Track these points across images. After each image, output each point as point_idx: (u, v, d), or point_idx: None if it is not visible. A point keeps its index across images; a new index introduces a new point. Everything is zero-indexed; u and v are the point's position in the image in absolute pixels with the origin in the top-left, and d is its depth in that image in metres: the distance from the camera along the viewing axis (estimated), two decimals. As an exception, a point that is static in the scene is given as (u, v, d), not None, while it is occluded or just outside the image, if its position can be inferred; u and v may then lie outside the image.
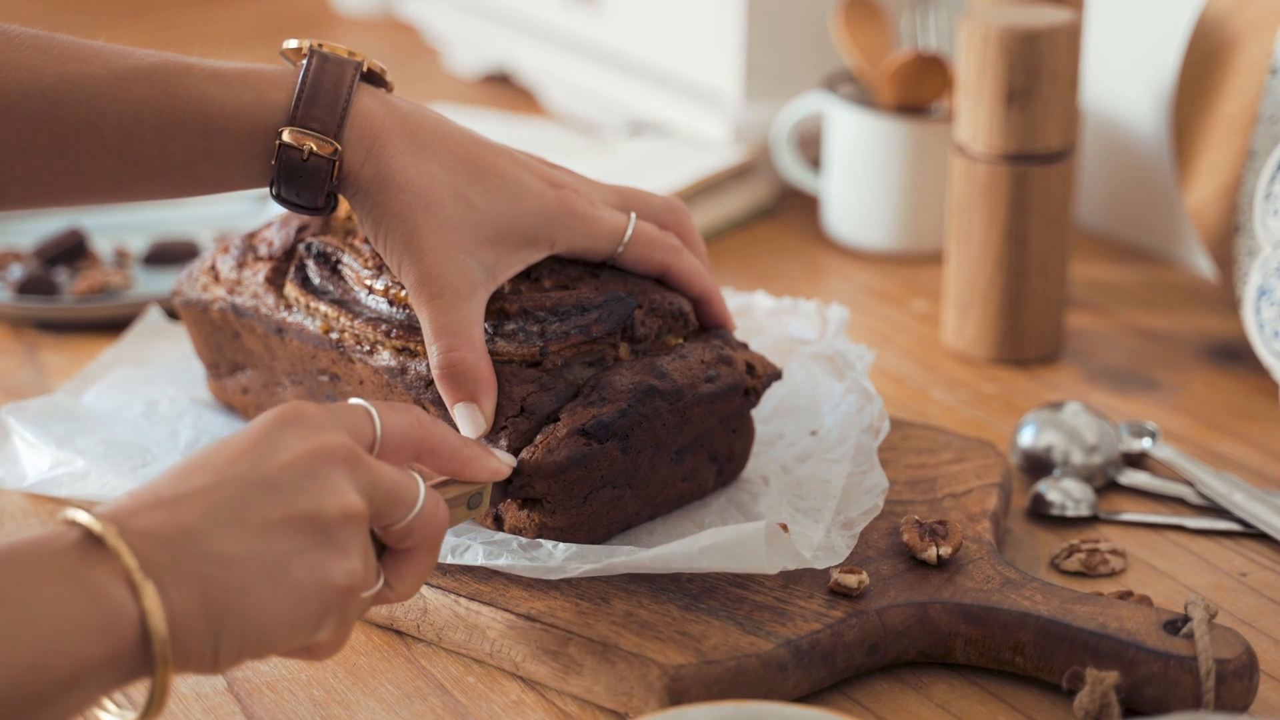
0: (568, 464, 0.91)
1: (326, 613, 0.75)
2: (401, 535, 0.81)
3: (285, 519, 0.74)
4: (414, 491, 0.80)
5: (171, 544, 0.71)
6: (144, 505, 0.72)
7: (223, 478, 0.74)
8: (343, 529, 0.76)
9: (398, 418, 0.83)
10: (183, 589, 0.71)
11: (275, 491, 0.74)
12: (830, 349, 1.07)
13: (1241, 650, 0.86)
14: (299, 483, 0.75)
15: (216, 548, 0.72)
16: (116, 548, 0.70)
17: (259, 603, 0.72)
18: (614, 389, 0.93)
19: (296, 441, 0.76)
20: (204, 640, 0.71)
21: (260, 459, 0.75)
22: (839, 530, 0.93)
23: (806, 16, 1.53)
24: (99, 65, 0.90)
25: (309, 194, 0.92)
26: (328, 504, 0.75)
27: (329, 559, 0.75)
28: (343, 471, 0.77)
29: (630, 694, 0.87)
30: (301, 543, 0.74)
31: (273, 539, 0.73)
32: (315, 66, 0.92)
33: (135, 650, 0.70)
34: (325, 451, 0.77)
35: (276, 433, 0.77)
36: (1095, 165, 1.45)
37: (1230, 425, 1.16)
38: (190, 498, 0.73)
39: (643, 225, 0.99)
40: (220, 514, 0.73)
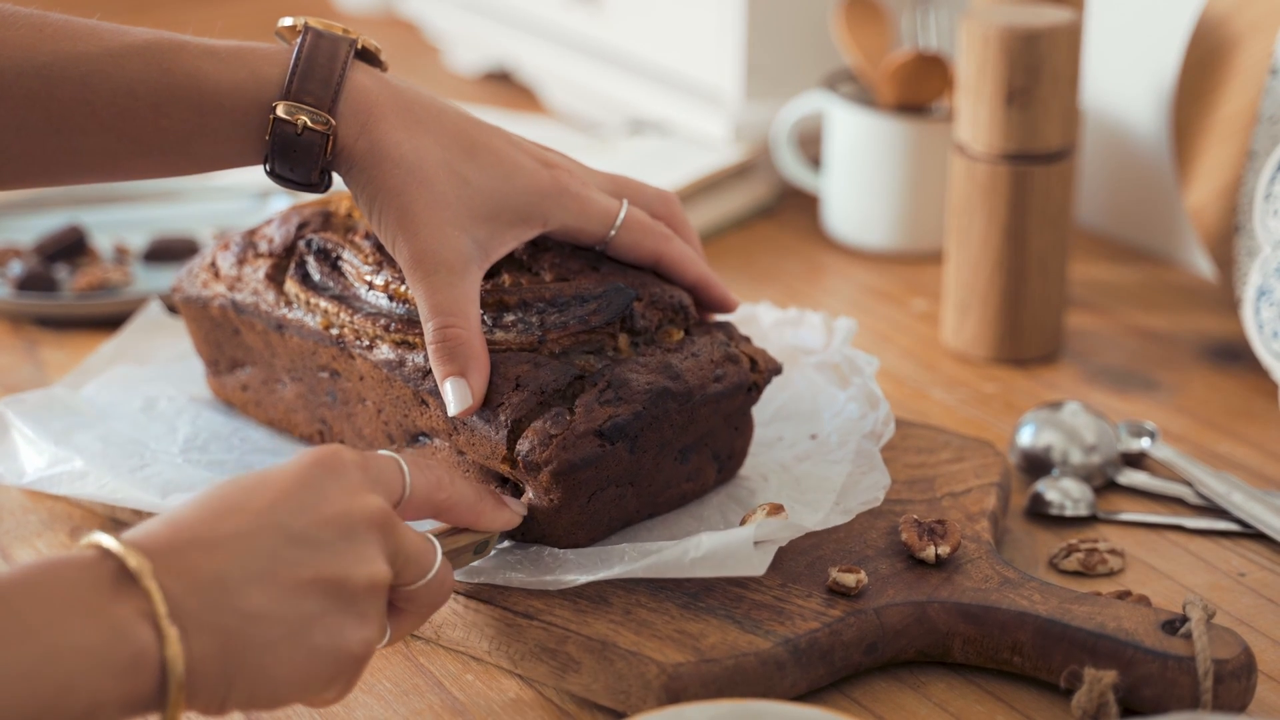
0: (581, 464, 0.91)
1: (338, 676, 0.77)
2: (407, 598, 0.82)
3: (315, 580, 0.75)
4: (432, 560, 0.82)
5: (201, 591, 0.72)
6: (181, 543, 0.73)
7: (260, 524, 0.75)
8: (367, 597, 0.77)
9: (423, 477, 0.84)
10: (205, 638, 0.71)
11: (310, 549, 0.75)
12: (836, 356, 1.07)
13: (1239, 650, 0.86)
14: (335, 544, 0.76)
15: (245, 603, 0.73)
16: (149, 589, 0.70)
17: (275, 661, 0.73)
18: (630, 389, 0.93)
19: (337, 497, 0.77)
20: (216, 688, 0.72)
21: (299, 510, 0.76)
22: (836, 514, 0.93)
23: (807, 15, 1.53)
24: (93, 43, 0.90)
25: (303, 169, 0.93)
26: (358, 571, 0.76)
27: (350, 626, 0.76)
28: (376, 538, 0.78)
29: (628, 692, 0.87)
30: (327, 606, 0.75)
31: (300, 600, 0.74)
32: (310, 42, 0.92)
33: (151, 688, 0.71)
34: (364, 516, 0.78)
35: (318, 483, 0.77)
36: (1095, 165, 1.45)
37: (1229, 425, 1.16)
38: (226, 543, 0.73)
39: (635, 211, 1.00)
40: (253, 566, 0.73)
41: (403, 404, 0.97)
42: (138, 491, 0.99)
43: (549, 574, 0.91)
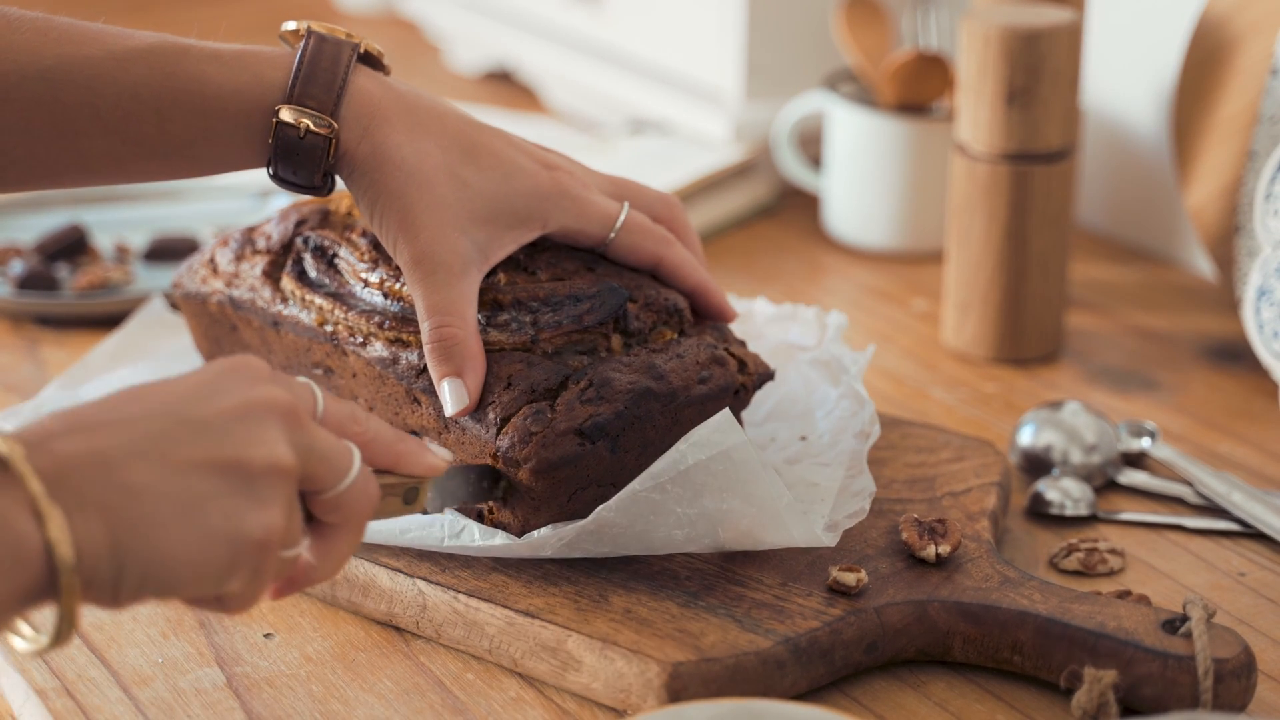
0: (560, 463, 0.91)
1: (237, 563, 0.73)
2: (330, 506, 0.78)
3: (209, 461, 0.72)
4: (349, 460, 0.78)
5: (82, 469, 0.69)
6: (61, 428, 0.70)
7: (152, 411, 0.72)
8: (267, 481, 0.73)
9: (337, 405, 0.81)
10: (90, 517, 0.68)
11: (204, 432, 0.72)
12: (826, 354, 1.07)
13: (1239, 650, 0.86)
14: (231, 428, 0.73)
15: (129, 477, 0.70)
16: (22, 472, 0.68)
17: (166, 540, 0.70)
18: (612, 389, 0.93)
19: (239, 389, 0.75)
20: (106, 572, 0.69)
21: (197, 400, 0.73)
22: (824, 532, 0.93)
23: (808, 15, 1.53)
24: (97, 46, 0.90)
25: (306, 172, 0.93)
26: (255, 453, 0.73)
27: (247, 509, 0.72)
28: (279, 425, 0.75)
29: (629, 691, 0.87)
30: (221, 487, 0.72)
31: (190, 478, 0.71)
32: (313, 47, 0.93)
33: (41, 578, 0.68)
34: (265, 402, 0.75)
35: (220, 379, 0.75)
36: (1096, 165, 1.45)
37: (1229, 425, 1.16)
38: (113, 425, 0.71)
39: (635, 214, 1.00)
40: (140, 445, 0.71)
41: (395, 401, 0.97)
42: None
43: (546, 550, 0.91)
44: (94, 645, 0.93)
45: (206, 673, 0.91)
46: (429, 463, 0.85)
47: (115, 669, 0.91)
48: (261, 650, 0.93)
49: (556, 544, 0.91)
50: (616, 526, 0.90)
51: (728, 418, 0.89)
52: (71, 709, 0.88)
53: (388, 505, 0.85)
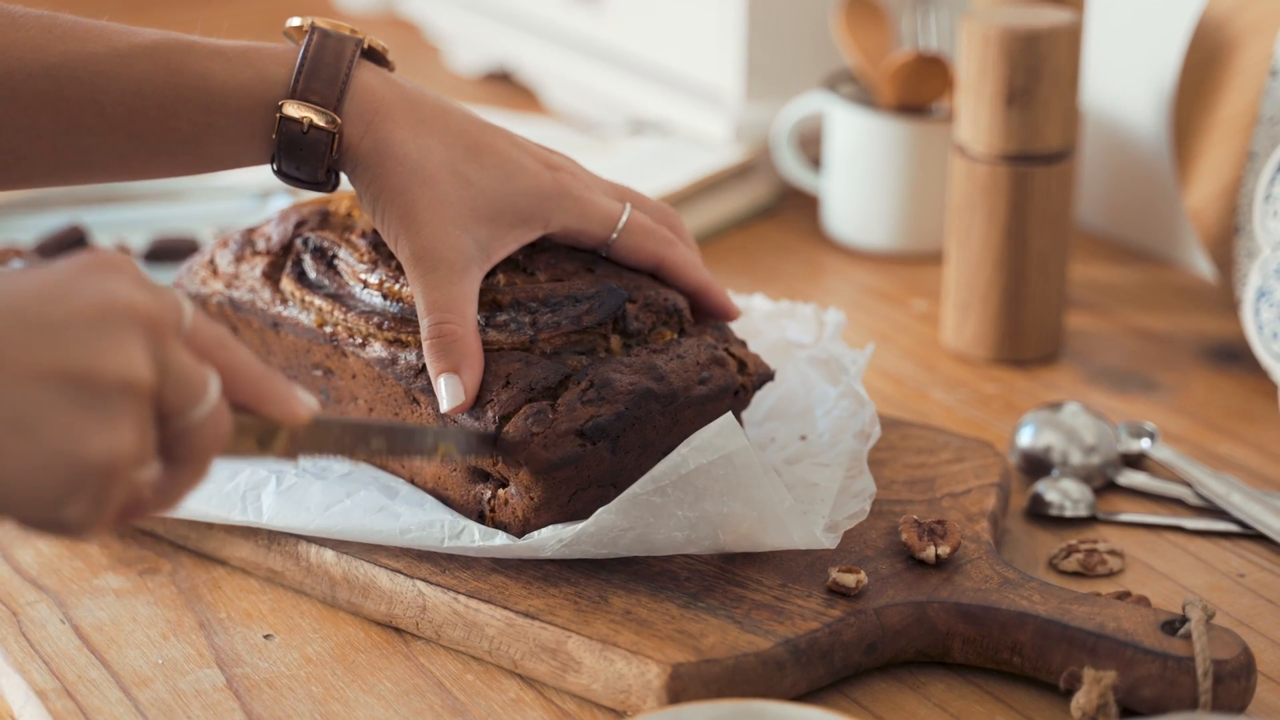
0: (560, 463, 0.91)
1: (78, 485, 0.66)
2: (178, 436, 0.70)
3: (52, 369, 0.65)
4: (205, 385, 0.71)
5: None
6: None
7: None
8: (117, 395, 0.66)
9: (207, 324, 0.73)
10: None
11: (50, 336, 0.66)
12: (825, 353, 1.07)
13: (1239, 651, 0.86)
14: (82, 334, 0.66)
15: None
16: None
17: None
18: (613, 389, 0.93)
19: (98, 289, 0.68)
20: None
21: (49, 299, 0.67)
22: (824, 534, 0.93)
23: (807, 16, 1.53)
24: (102, 43, 0.91)
25: (309, 167, 0.93)
26: (108, 364, 0.66)
27: (90, 427, 0.66)
28: (138, 336, 0.68)
29: (629, 692, 0.87)
30: (64, 400, 0.65)
31: (31, 388, 0.65)
32: (316, 42, 0.93)
33: None
34: (125, 308, 0.68)
35: (81, 275, 0.68)
36: (1095, 166, 1.45)
37: (1229, 426, 1.16)
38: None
39: (637, 215, 1.00)
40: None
41: (394, 402, 0.97)
42: (138, 491, 0.99)
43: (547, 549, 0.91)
44: (94, 646, 0.93)
45: (206, 674, 0.91)
46: (291, 410, 0.76)
47: (115, 670, 0.91)
48: (261, 651, 0.93)
49: (556, 545, 0.91)
50: (617, 528, 0.90)
51: (730, 422, 0.89)
52: (71, 710, 0.88)
53: (241, 444, 0.77)
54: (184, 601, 0.96)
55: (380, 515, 0.94)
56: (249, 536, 0.98)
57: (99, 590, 0.97)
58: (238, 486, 0.97)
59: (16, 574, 0.98)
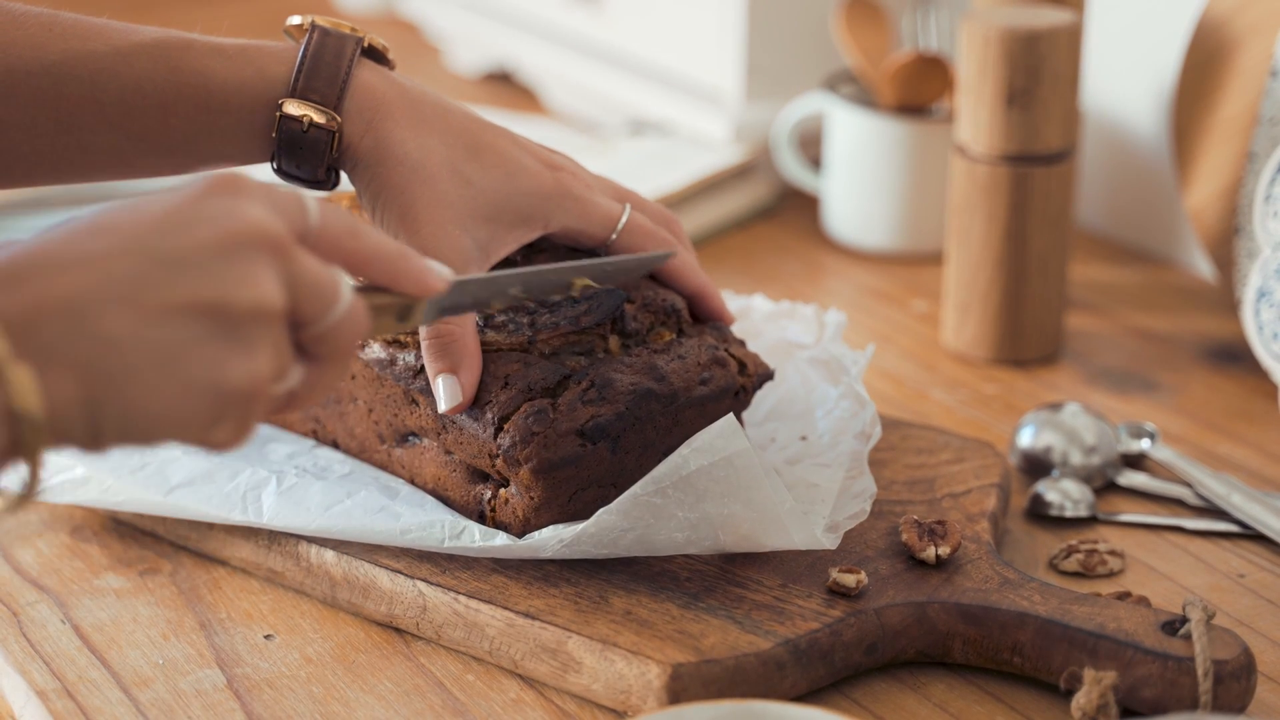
0: (561, 463, 0.91)
1: (222, 414, 0.69)
2: (316, 339, 0.73)
3: (188, 304, 0.67)
4: (337, 291, 0.73)
5: (51, 319, 0.65)
6: (27, 266, 0.66)
7: (126, 246, 0.67)
8: (252, 324, 0.69)
9: (336, 217, 0.75)
10: (60, 372, 0.65)
11: (182, 271, 0.67)
12: (826, 353, 1.07)
13: (1239, 651, 0.86)
14: (212, 265, 0.68)
15: (103, 327, 0.65)
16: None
17: (144, 394, 0.66)
18: (614, 390, 0.93)
19: (221, 216, 0.69)
20: (82, 426, 0.66)
21: (173, 230, 0.68)
22: (824, 533, 0.93)
23: (807, 16, 1.53)
24: (102, 41, 0.91)
25: (309, 166, 0.93)
26: (240, 294, 0.68)
27: (230, 356, 0.68)
28: (265, 260, 0.69)
29: (629, 692, 0.87)
30: (201, 333, 0.67)
31: (169, 325, 0.66)
32: (316, 40, 0.93)
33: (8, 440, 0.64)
34: (250, 234, 0.69)
35: (199, 201, 0.69)
36: (1095, 166, 1.45)
37: (1229, 427, 1.16)
38: (85, 264, 0.66)
39: (637, 216, 1.00)
40: (114, 289, 0.66)
41: (393, 403, 0.97)
42: (140, 491, 0.99)
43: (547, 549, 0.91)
44: (94, 647, 0.93)
45: (207, 674, 0.91)
46: (428, 284, 0.79)
47: (116, 670, 0.91)
48: (262, 651, 0.93)
49: (557, 546, 0.91)
50: (617, 529, 0.90)
51: (731, 423, 0.89)
52: (72, 710, 0.88)
53: (381, 324, 0.79)
54: (184, 602, 0.97)
55: (381, 515, 0.94)
56: (249, 537, 0.98)
57: (99, 590, 0.97)
58: (238, 487, 0.97)
59: (17, 574, 0.98)
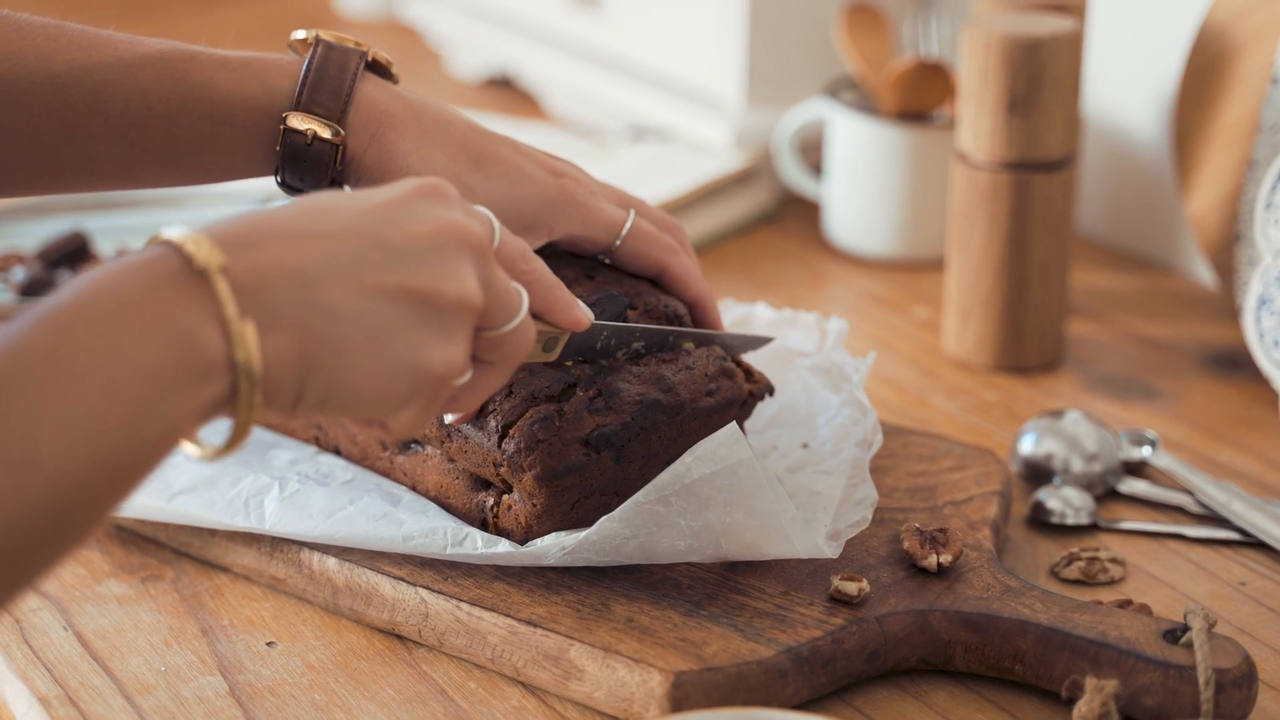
0: (565, 471, 0.91)
1: (416, 393, 0.74)
2: (491, 345, 0.79)
3: (401, 288, 0.72)
4: (519, 303, 0.80)
5: (279, 284, 0.69)
6: (258, 235, 0.70)
7: (348, 227, 0.72)
8: (454, 315, 0.75)
9: (512, 240, 0.82)
10: (281, 335, 0.69)
11: (399, 258, 0.73)
12: (828, 361, 1.07)
13: (1240, 660, 0.86)
14: (425, 256, 0.74)
15: (325, 298, 0.70)
16: (218, 289, 0.67)
17: (354, 364, 0.71)
18: (620, 399, 0.93)
19: (433, 214, 0.75)
20: (291, 388, 0.70)
21: (392, 220, 0.74)
22: (826, 541, 0.93)
23: (809, 22, 1.53)
24: (107, 53, 0.91)
25: (313, 179, 0.93)
26: (448, 286, 0.74)
27: (433, 340, 0.74)
28: (469, 259, 0.76)
29: (631, 700, 0.87)
30: (411, 317, 0.73)
31: (384, 304, 0.72)
32: (321, 54, 0.93)
33: (224, 393, 0.68)
34: (459, 233, 0.75)
35: (414, 200, 0.75)
36: (1096, 173, 1.45)
37: (1230, 434, 1.17)
38: (309, 239, 0.71)
39: (641, 222, 1.00)
40: (337, 265, 0.71)
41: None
42: (142, 497, 0.99)
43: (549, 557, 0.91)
44: (97, 653, 0.93)
45: (209, 681, 0.91)
46: (576, 317, 0.87)
47: (118, 677, 0.91)
48: (264, 658, 0.93)
49: (559, 553, 0.91)
50: (620, 537, 0.90)
51: (734, 432, 0.89)
52: (74, 717, 0.88)
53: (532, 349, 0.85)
54: (186, 608, 0.97)
55: (383, 522, 0.95)
56: (251, 543, 0.98)
57: (101, 597, 0.97)
58: (240, 493, 0.97)
59: (19, 581, 0.98)
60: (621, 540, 0.90)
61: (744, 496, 0.89)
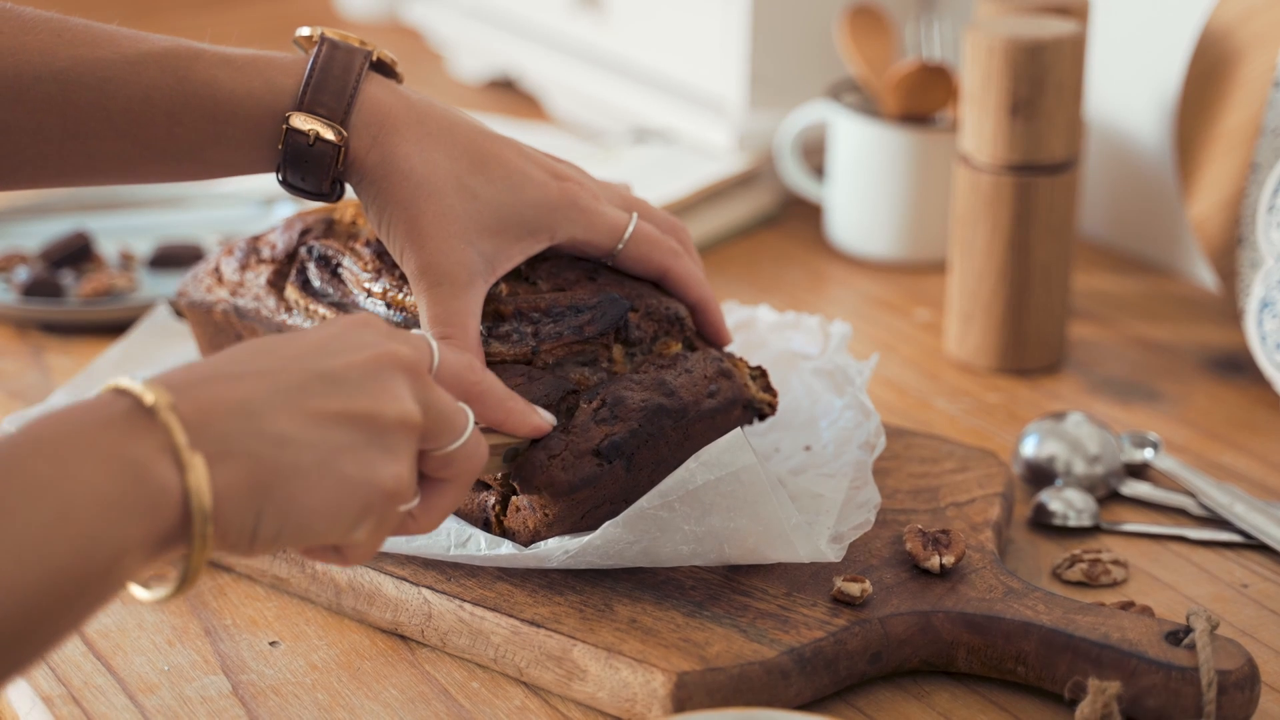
0: (580, 484, 0.91)
1: (367, 512, 0.75)
2: (441, 463, 0.81)
3: (344, 413, 0.74)
4: (464, 420, 0.81)
5: (227, 417, 0.71)
6: (201, 377, 0.72)
7: (287, 363, 0.74)
8: (397, 434, 0.76)
9: (454, 356, 0.84)
10: (231, 465, 0.70)
11: (338, 385, 0.75)
12: (831, 364, 1.07)
13: (1243, 662, 0.86)
14: (363, 382, 0.75)
15: (272, 426, 0.71)
16: (167, 422, 0.69)
17: (305, 489, 0.72)
18: (625, 407, 0.93)
19: (365, 343, 0.77)
20: (245, 519, 0.71)
21: (328, 352, 0.76)
22: (828, 545, 0.93)
23: (811, 25, 1.53)
24: (111, 49, 0.91)
25: (314, 179, 0.93)
26: (388, 407, 0.76)
27: (379, 460, 0.75)
28: (405, 381, 0.77)
29: (634, 700, 0.87)
30: (356, 439, 0.74)
31: (329, 429, 0.73)
32: (325, 54, 0.93)
33: (175, 526, 0.69)
34: (392, 358, 0.77)
35: (348, 332, 0.78)
36: (1099, 176, 1.46)
37: (1232, 437, 1.17)
38: (252, 376, 0.73)
39: (644, 225, 1.00)
40: (280, 396, 0.73)
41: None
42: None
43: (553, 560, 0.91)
44: (100, 653, 0.93)
45: (212, 680, 0.91)
46: (534, 424, 0.90)
47: (121, 676, 0.91)
48: (267, 658, 0.93)
49: (562, 556, 0.91)
50: (623, 541, 0.90)
51: (738, 438, 0.89)
52: (77, 716, 0.88)
53: (491, 463, 0.88)
54: (189, 608, 0.97)
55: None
56: (254, 543, 0.98)
57: (104, 597, 0.97)
58: (243, 494, 0.97)
59: (22, 580, 0.98)
60: (625, 544, 0.90)
61: (747, 502, 0.89)
